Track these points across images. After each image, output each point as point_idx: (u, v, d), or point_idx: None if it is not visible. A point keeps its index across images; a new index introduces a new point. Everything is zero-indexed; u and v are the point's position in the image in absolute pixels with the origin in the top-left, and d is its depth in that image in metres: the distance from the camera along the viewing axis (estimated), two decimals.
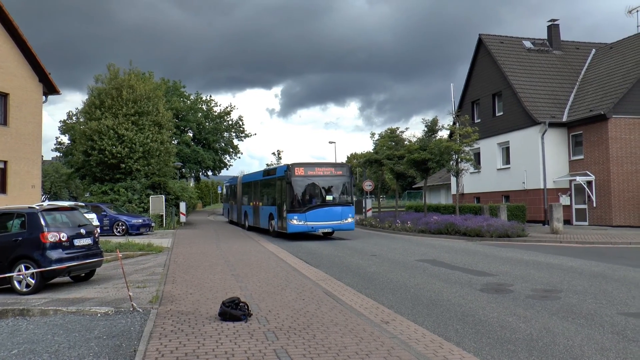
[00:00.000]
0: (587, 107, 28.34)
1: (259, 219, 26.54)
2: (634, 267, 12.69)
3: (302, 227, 21.54)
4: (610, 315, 7.81)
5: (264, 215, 25.41)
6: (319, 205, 21.75)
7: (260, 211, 26.34)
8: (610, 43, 34.68)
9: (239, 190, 32.20)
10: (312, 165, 22.35)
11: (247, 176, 31.46)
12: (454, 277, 11.71)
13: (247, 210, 29.40)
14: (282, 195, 22.37)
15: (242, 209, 30.92)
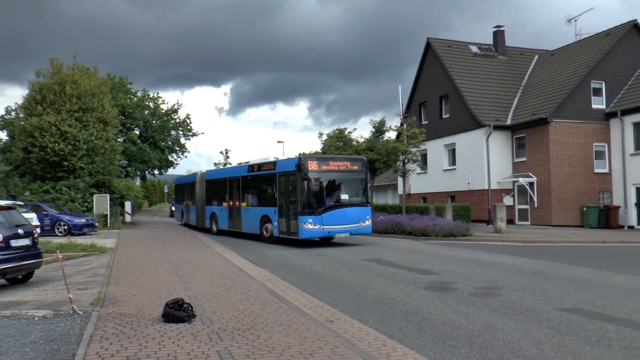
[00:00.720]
0: (530, 111, 29.31)
1: (241, 222, 22.78)
2: (570, 264, 13.19)
3: (317, 232, 18.23)
4: (547, 311, 8.09)
5: (252, 219, 21.64)
6: (336, 206, 18.53)
7: (245, 213, 22.45)
8: (551, 50, 35.99)
9: (199, 189, 28.15)
10: (327, 159, 19.39)
11: (215, 172, 28.05)
12: (399, 275, 11.88)
13: (218, 212, 25.47)
14: (289, 194, 18.91)
15: (208, 210, 26.89)
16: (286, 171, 19.18)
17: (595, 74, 28.81)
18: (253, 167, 22.15)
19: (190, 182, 30.90)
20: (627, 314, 7.92)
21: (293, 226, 18.51)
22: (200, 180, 28.33)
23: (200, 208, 28.11)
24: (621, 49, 29.71)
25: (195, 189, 28.64)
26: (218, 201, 25.79)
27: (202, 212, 27.78)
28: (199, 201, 28.22)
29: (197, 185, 28.45)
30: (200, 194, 28.08)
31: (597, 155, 28.44)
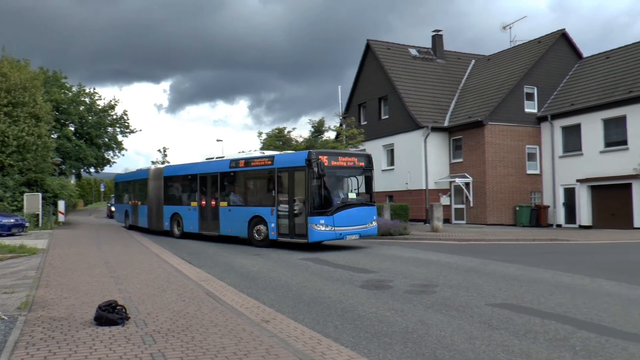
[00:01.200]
0: (467, 113, 30.19)
1: (218, 223, 20.40)
2: (502, 261, 13.66)
3: (328, 234, 16.60)
4: (479, 307, 8.35)
5: (236, 220, 19.44)
6: (346, 206, 17.10)
7: (225, 214, 20.11)
8: (488, 55, 37.20)
9: (154, 186, 25.09)
10: (335, 155, 17.88)
11: (179, 168, 24.38)
12: (336, 274, 11.98)
13: (183, 213, 22.72)
14: (294, 192, 17.20)
15: (167, 210, 23.86)
16: (290, 167, 17.39)
17: (528, 79, 30.02)
18: (238, 162, 19.86)
19: (139, 179, 27.53)
20: (552, 308, 8.27)
21: (299, 228, 16.81)
22: (155, 177, 25.25)
23: (155, 208, 24.86)
24: (551, 56, 31.11)
25: (148, 187, 25.60)
26: (183, 200, 23.18)
27: (159, 212, 24.49)
28: (153, 200, 25.11)
29: (152, 183, 25.38)
30: (156, 193, 24.91)
31: (529, 157, 29.64)
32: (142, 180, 26.77)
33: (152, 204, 25.26)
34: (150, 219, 25.42)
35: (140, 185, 27.30)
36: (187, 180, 23.05)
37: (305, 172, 16.59)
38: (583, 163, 27.35)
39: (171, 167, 25.34)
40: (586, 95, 28.55)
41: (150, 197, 25.39)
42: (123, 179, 31.83)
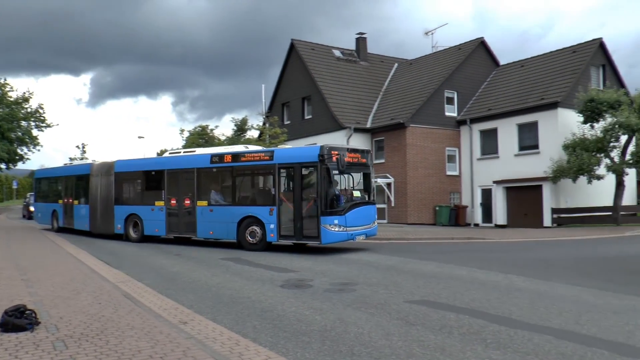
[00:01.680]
0: (389, 115, 30.76)
1: (194, 225, 18.21)
2: (421, 260, 13.94)
3: (341, 235, 15.35)
4: (397, 304, 8.42)
5: (221, 221, 17.45)
6: (355, 205, 16.01)
7: (204, 215, 17.92)
8: (410, 59, 38.08)
9: (102, 184, 21.73)
10: (344, 150, 16.34)
11: (137, 162, 21.93)
12: (257, 274, 11.81)
13: (143, 214, 19.90)
14: (301, 190, 15.81)
15: (120, 211, 20.82)
16: (296, 162, 15.96)
17: (449, 84, 31.00)
18: (222, 157, 17.84)
19: (75, 175, 24.06)
20: (467, 303, 8.48)
21: (309, 229, 15.47)
22: (101, 173, 21.87)
23: (102, 208, 21.67)
24: (471, 62, 32.34)
25: (91, 184, 22.28)
26: (143, 200, 20.28)
27: (107, 213, 21.30)
28: (98, 199, 21.86)
29: (96, 180, 22.09)
30: (104, 191, 21.64)
31: (449, 159, 30.59)
32: (81, 176, 23.33)
33: (95, 204, 21.99)
34: (94, 221, 22.11)
35: (77, 182, 23.75)
36: (150, 177, 20.36)
37: (317, 168, 15.28)
38: (499, 165, 28.55)
39: (125, 162, 22.06)
40: (502, 101, 29.85)
41: (94, 195, 22.08)
42: (48, 174, 27.52)
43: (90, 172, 22.50)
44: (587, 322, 7.35)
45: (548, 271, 12.09)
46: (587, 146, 24.61)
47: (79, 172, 23.91)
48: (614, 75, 29.76)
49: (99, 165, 22.45)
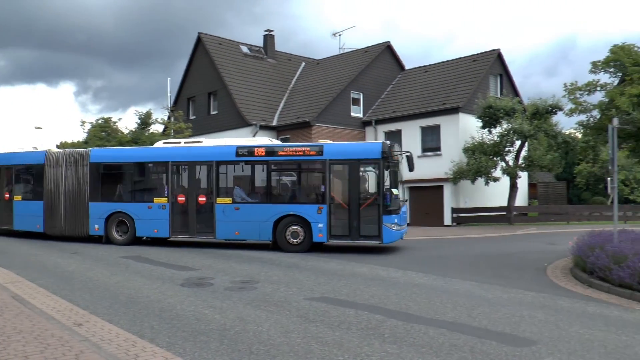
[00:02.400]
0: (295, 114, 30.89)
1: (213, 225, 16.25)
2: (323, 257, 14.11)
3: (398, 234, 15.25)
4: (297, 301, 8.45)
5: (251, 220, 15.94)
6: (402, 203, 15.81)
7: (227, 214, 16.12)
8: (317, 59, 38.45)
9: (60, 176, 18.24)
10: (398, 146, 16.40)
11: (127, 152, 19.52)
12: (157, 272, 11.45)
13: (137, 213, 17.12)
14: (358, 188, 15.16)
15: (97, 209, 17.59)
16: (352, 159, 15.25)
17: (355, 85, 31.61)
18: (252, 150, 16.23)
19: (19, 164, 19.83)
20: (367, 300, 8.67)
21: (368, 228, 14.91)
22: (67, 163, 18.27)
23: (69, 206, 18.10)
24: (377, 65, 33.19)
25: (47, 177, 18.48)
26: (135, 196, 17.75)
27: (79, 211, 17.93)
28: (64, 195, 18.16)
29: (57, 171, 18.37)
30: (73, 185, 18.10)
31: None
32: (28, 166, 19.60)
33: (53, 200, 18.32)
34: (51, 220, 18.33)
35: (18, 174, 20.00)
36: (145, 170, 18.05)
37: (380, 166, 14.80)
38: (403, 166, 29.38)
39: (105, 152, 19.24)
40: (407, 104, 30.86)
41: (51, 190, 18.41)
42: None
43: (46, 161, 18.62)
44: (478, 315, 7.74)
45: (445, 268, 12.61)
46: (485, 150, 26.01)
47: (24, 161, 19.87)
48: (510, 85, 31.72)
49: (59, 154, 18.69)
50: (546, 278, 11.44)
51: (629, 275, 9.46)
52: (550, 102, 25.77)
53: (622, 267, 9.71)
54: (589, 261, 10.83)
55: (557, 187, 32.50)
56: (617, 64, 14.56)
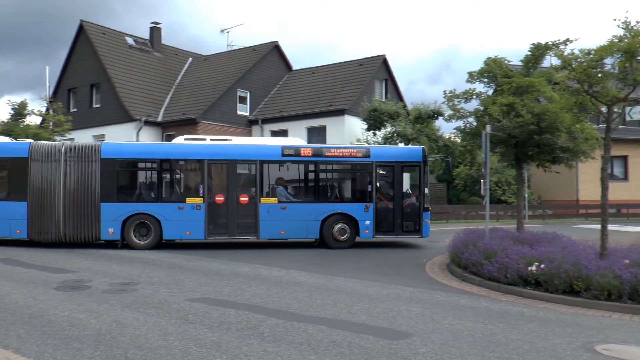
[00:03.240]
0: (181, 110, 30.29)
1: (256, 225, 16.02)
2: (207, 257, 14.01)
3: (430, 228, 17.13)
4: (178, 303, 8.42)
5: (299, 219, 16.22)
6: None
7: (273, 213, 16.08)
8: (205, 55, 37.89)
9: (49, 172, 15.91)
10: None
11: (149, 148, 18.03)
12: (29, 276, 10.81)
13: (165, 214, 15.83)
14: (401, 188, 16.91)
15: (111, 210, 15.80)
16: (397, 161, 16.57)
17: (242, 83, 31.58)
18: (299, 150, 16.52)
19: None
20: (248, 299, 8.82)
21: (409, 224, 16.52)
22: (68, 158, 16.01)
23: (71, 207, 15.86)
24: (265, 64, 33.39)
25: (32, 173, 15.92)
26: (159, 195, 16.35)
27: (86, 213, 15.87)
28: (63, 194, 15.82)
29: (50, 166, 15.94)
30: (76, 183, 15.93)
31: None
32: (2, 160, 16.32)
33: (43, 200, 15.92)
34: (44, 225, 15.88)
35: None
36: (176, 168, 16.89)
37: (421, 168, 16.53)
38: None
39: (125, 147, 17.33)
40: (293, 104, 31.30)
41: (39, 188, 15.95)
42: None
43: (31, 155, 16.05)
44: (358, 311, 8.16)
45: (328, 266, 13.03)
46: None
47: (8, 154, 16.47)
48: (395, 89, 33.21)
49: (52, 147, 16.21)
50: (424, 274, 12.23)
51: (497, 270, 10.43)
52: (432, 108, 27.27)
53: (491, 262, 10.68)
54: (464, 257, 11.79)
55: (437, 188, 34.41)
56: (490, 75, 15.71)
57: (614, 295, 8.89)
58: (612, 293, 8.90)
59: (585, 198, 28.50)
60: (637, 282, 8.73)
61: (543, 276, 9.74)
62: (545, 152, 14.99)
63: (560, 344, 6.67)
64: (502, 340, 6.75)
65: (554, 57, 13.01)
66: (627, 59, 10.26)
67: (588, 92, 10.85)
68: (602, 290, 8.95)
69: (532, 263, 10.07)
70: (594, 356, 6.25)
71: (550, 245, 11.40)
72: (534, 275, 9.92)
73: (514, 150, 15.26)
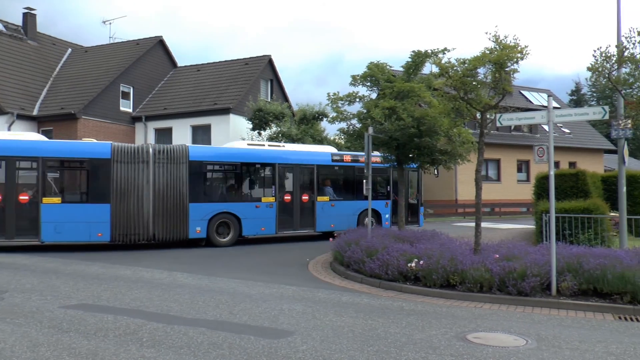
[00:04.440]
0: (59, 104, 28.59)
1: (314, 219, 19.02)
2: (86, 260, 13.41)
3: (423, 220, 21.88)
4: (51, 310, 7.97)
5: (342, 214, 19.39)
6: None
7: (326, 210, 19.27)
8: (86, 46, 35.97)
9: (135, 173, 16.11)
10: None
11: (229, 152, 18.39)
12: None
13: (244, 212, 17.57)
14: (408, 188, 20.24)
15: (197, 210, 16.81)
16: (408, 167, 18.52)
17: (125, 78, 30.32)
18: (342, 156, 20.01)
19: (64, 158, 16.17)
20: (128, 304, 8.55)
21: (412, 217, 20.38)
22: (157, 160, 16.40)
23: (163, 207, 16.32)
24: (149, 59, 32.30)
25: (115, 175, 15.86)
26: (240, 196, 18.19)
27: (177, 214, 16.52)
28: (153, 196, 16.23)
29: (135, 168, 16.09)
30: (166, 184, 16.42)
31: None
32: (80, 161, 16.18)
33: (131, 202, 15.99)
34: (130, 226, 16.00)
35: (54, 170, 16.04)
36: (254, 170, 18.69)
37: (418, 173, 20.57)
38: None
39: (209, 150, 19.31)
40: (178, 101, 30.56)
41: (125, 190, 15.95)
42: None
43: (113, 156, 15.92)
44: (239, 311, 8.19)
45: (211, 267, 12.95)
46: None
47: (66, 153, 16.22)
48: (280, 90, 33.40)
49: (138, 149, 16.40)
50: (308, 273, 12.50)
51: (378, 267, 10.91)
52: (317, 109, 27.79)
53: (373, 260, 11.15)
54: (346, 255, 12.20)
55: None
56: (373, 79, 16.32)
57: (485, 287, 9.65)
58: (483, 285, 9.65)
59: (463, 198, 30.33)
60: (505, 274, 9.53)
61: (422, 272, 10.33)
62: (425, 154, 15.90)
63: (436, 335, 7.12)
64: (382, 335, 7.07)
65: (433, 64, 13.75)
66: (496, 69, 11.10)
67: (464, 98, 11.59)
68: (475, 283, 9.68)
69: (412, 260, 10.66)
70: (465, 344, 6.74)
71: (429, 243, 12.13)
72: (413, 271, 10.49)
73: (396, 152, 16.00)
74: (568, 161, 35.51)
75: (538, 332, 7.40)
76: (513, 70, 11.25)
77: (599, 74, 10.03)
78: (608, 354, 6.50)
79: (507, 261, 9.93)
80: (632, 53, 9.66)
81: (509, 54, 10.71)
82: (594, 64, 9.96)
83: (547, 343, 6.88)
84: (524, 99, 37.11)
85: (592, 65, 10.01)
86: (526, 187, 30.97)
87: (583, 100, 63.98)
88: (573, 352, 6.51)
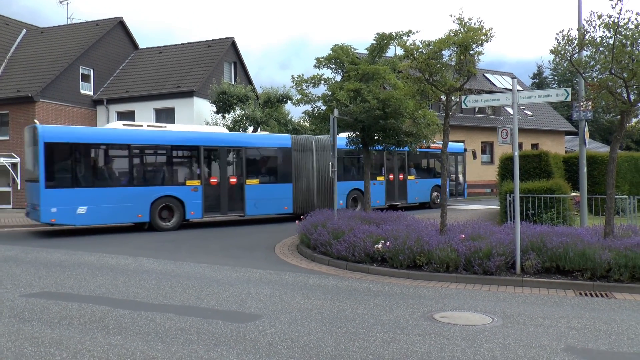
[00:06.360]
0: (15, 87, 27.66)
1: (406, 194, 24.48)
2: (48, 247, 13.07)
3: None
4: (12, 300, 7.73)
5: (422, 190, 25.08)
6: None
7: (413, 186, 24.68)
8: (42, 27, 34.80)
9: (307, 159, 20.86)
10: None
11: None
12: None
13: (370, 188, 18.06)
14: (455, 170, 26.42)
15: (341, 187, 20.61)
16: (454, 152, 25.96)
17: (85, 60, 29.46)
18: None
19: (262, 147, 20.33)
20: (92, 290, 8.37)
21: (459, 192, 26.60)
22: (317, 148, 20.94)
23: (321, 187, 21.03)
24: (109, 41, 31.43)
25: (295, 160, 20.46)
26: (363, 176, 18.64)
27: (330, 189, 20.02)
28: (316, 177, 20.91)
29: (307, 155, 20.76)
30: (325, 167, 20.68)
31: None
32: (274, 149, 20.33)
33: (303, 182, 20.52)
34: (303, 201, 20.41)
35: (252, 157, 19.89)
36: (370, 155, 18.95)
37: (463, 157, 26.86)
38: None
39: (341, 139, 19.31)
40: (140, 84, 29.87)
41: (300, 173, 20.50)
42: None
43: (293, 146, 20.32)
44: (207, 296, 8.10)
45: (177, 252, 12.78)
46: None
47: (264, 144, 20.44)
48: (244, 73, 32.99)
49: (307, 140, 20.82)
50: (275, 256, 12.44)
51: (345, 249, 10.92)
52: (281, 92, 27.57)
53: (339, 242, 11.15)
54: (313, 237, 12.16)
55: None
56: (337, 62, 16.24)
57: (451, 267, 9.76)
58: (450, 265, 9.76)
59: None
60: (471, 254, 9.65)
61: (389, 253, 10.39)
62: (391, 136, 15.94)
63: (404, 315, 7.18)
64: (349, 316, 7.09)
65: (398, 46, 13.74)
66: (461, 51, 11.14)
67: (429, 80, 11.61)
68: (441, 263, 9.78)
69: (379, 241, 10.70)
70: (432, 323, 6.81)
71: (395, 224, 12.19)
72: (380, 252, 10.54)
73: (361, 134, 16.00)
74: (531, 143, 36.19)
75: (503, 310, 7.53)
76: (477, 52, 11.33)
77: (561, 56, 10.14)
78: (570, 328, 6.67)
79: (472, 241, 10.06)
80: (593, 36, 9.80)
81: (474, 37, 10.76)
82: (556, 46, 10.07)
83: (512, 320, 7.01)
84: (487, 82, 37.57)
85: (554, 48, 10.11)
86: (490, 169, 31.43)
87: (545, 84, 65.26)
88: (537, 328, 6.65)
